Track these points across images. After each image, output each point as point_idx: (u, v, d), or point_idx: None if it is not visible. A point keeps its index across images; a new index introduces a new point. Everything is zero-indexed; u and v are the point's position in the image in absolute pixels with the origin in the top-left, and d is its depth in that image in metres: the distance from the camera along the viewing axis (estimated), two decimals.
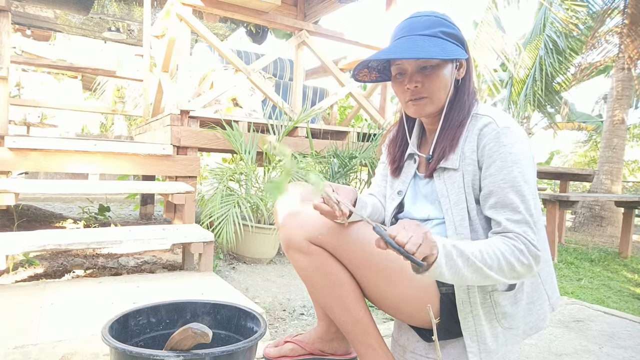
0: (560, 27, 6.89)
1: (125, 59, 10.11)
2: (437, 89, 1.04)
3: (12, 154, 2.38)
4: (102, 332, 0.95)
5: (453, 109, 1.07)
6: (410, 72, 1.05)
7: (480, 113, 1.05)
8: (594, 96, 40.36)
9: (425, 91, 1.04)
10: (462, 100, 1.08)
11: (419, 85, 1.04)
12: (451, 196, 1.05)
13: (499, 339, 1.05)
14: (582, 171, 5.77)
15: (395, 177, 1.22)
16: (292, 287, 2.48)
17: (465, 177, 1.04)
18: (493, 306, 1.03)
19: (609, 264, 4.37)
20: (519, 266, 0.93)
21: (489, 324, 1.03)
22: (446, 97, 1.07)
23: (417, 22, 1.05)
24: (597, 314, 2.07)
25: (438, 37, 1.02)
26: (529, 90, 7.35)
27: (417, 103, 1.06)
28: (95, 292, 1.87)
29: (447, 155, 1.06)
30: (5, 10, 2.40)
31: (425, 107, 1.06)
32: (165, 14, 3.45)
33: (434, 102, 1.06)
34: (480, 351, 1.03)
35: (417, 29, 1.03)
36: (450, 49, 1.00)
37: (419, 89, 1.04)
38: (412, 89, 1.05)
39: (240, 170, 3.03)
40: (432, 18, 1.05)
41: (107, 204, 4.55)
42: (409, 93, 1.06)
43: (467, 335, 1.03)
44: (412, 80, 1.04)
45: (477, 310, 1.02)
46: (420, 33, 1.02)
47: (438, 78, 1.04)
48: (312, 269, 1.06)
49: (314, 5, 5.36)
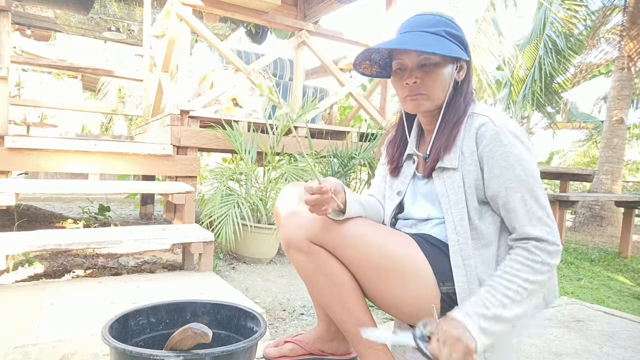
0: (560, 27, 6.89)
1: (126, 59, 10.11)
2: (436, 86, 1.05)
3: (12, 154, 2.38)
4: (102, 332, 0.95)
5: (450, 110, 1.08)
6: (410, 67, 1.06)
7: (477, 112, 1.06)
8: (595, 96, 40.36)
9: (424, 88, 1.05)
10: (458, 101, 1.08)
11: (418, 81, 1.05)
12: (451, 196, 1.05)
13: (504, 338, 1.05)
14: (582, 171, 5.77)
15: (395, 177, 1.22)
16: (292, 287, 2.48)
17: (466, 178, 1.04)
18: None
19: (609, 264, 4.37)
20: (543, 278, 0.96)
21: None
22: (444, 96, 1.07)
23: (423, 19, 1.06)
24: (597, 314, 2.07)
25: (442, 36, 1.03)
26: (528, 90, 7.35)
27: (415, 99, 1.07)
28: (95, 292, 1.87)
29: (443, 154, 1.06)
30: (5, 10, 2.40)
31: (422, 103, 1.07)
32: (165, 14, 3.45)
33: (431, 99, 1.07)
34: (484, 351, 1.03)
35: (422, 25, 1.05)
36: (452, 48, 1.01)
37: (418, 85, 1.05)
38: (411, 84, 1.06)
39: (240, 170, 3.03)
40: (438, 17, 1.06)
41: (107, 204, 4.54)
42: (407, 89, 1.07)
43: None
44: (412, 75, 1.05)
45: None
46: (425, 30, 1.04)
47: (437, 76, 1.05)
48: (312, 268, 1.06)
49: (314, 5, 5.36)
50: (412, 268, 1.03)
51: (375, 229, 1.07)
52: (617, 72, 6.82)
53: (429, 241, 1.08)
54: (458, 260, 1.02)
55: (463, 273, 1.01)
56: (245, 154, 3.02)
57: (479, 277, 1.01)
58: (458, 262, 1.02)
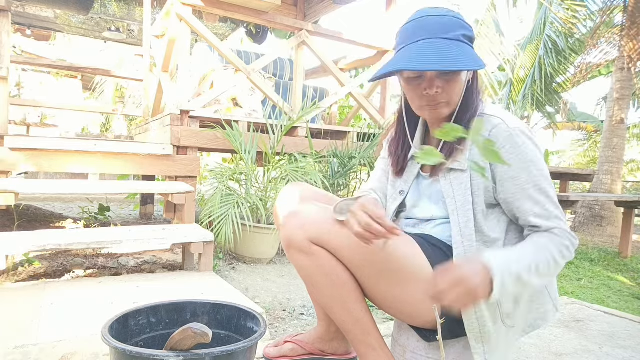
0: (560, 27, 6.89)
1: (126, 59, 10.11)
2: (456, 94, 1.03)
3: (12, 154, 2.38)
4: (102, 332, 0.95)
5: (462, 110, 1.06)
6: (430, 76, 1.01)
7: (488, 113, 1.05)
8: (596, 96, 40.37)
9: (445, 97, 1.02)
10: (470, 100, 1.06)
11: (440, 90, 1.01)
12: (457, 197, 1.05)
13: (503, 337, 1.05)
14: (582, 171, 5.77)
15: (398, 177, 1.21)
16: (292, 287, 2.48)
17: (474, 179, 1.03)
18: (498, 306, 1.03)
19: (609, 264, 4.37)
20: (563, 263, 0.97)
21: (493, 325, 1.03)
22: (459, 99, 1.05)
23: (437, 22, 0.99)
24: (597, 314, 2.07)
25: (462, 42, 0.98)
26: (528, 90, 7.35)
27: (435, 108, 1.04)
28: (95, 292, 1.87)
29: (455, 155, 1.05)
30: (5, 10, 2.40)
31: (442, 112, 1.04)
32: (165, 14, 3.45)
33: (450, 105, 1.04)
34: (485, 352, 1.03)
35: (437, 31, 0.98)
36: (476, 60, 0.96)
37: (439, 94, 1.01)
38: (433, 94, 1.01)
39: (240, 170, 3.03)
40: (452, 19, 0.99)
41: (107, 204, 4.54)
42: (426, 98, 1.03)
43: (471, 337, 1.03)
44: (433, 85, 1.00)
45: (481, 312, 1.02)
46: (443, 36, 0.97)
47: (458, 84, 1.02)
48: (312, 268, 1.06)
49: (313, 5, 5.36)
50: (412, 268, 1.02)
51: None
52: (617, 72, 6.82)
53: (430, 242, 1.08)
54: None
55: None
56: (245, 154, 3.02)
57: None
58: None
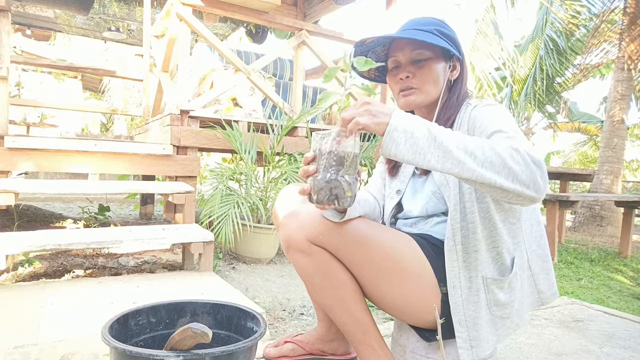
0: (561, 27, 6.89)
1: (126, 59, 10.11)
2: (427, 80, 1.09)
3: (12, 154, 2.38)
4: (102, 332, 0.95)
5: (444, 108, 1.12)
6: (404, 63, 1.11)
7: (472, 103, 1.10)
8: (597, 96, 40.35)
9: (416, 82, 1.10)
10: (452, 100, 1.13)
11: (410, 75, 1.10)
12: (450, 184, 1.06)
13: (489, 326, 1.05)
14: (582, 171, 5.77)
15: (393, 176, 1.23)
16: (292, 287, 2.48)
17: None
18: (486, 292, 1.03)
19: (609, 264, 4.37)
20: (513, 163, 0.81)
21: (479, 310, 1.03)
22: (437, 93, 1.11)
23: (416, 21, 1.14)
24: (597, 314, 2.07)
25: (433, 33, 1.08)
26: (529, 90, 7.36)
27: (407, 94, 1.11)
28: (95, 292, 1.87)
29: None
30: (5, 10, 2.40)
31: (414, 98, 1.10)
32: (165, 14, 3.45)
33: (423, 93, 1.10)
34: (470, 338, 1.02)
35: (415, 25, 1.12)
36: (440, 41, 1.05)
37: (410, 79, 1.10)
38: (404, 79, 1.10)
39: (240, 170, 3.03)
40: (430, 19, 1.14)
41: (107, 204, 4.55)
42: (400, 84, 1.12)
43: (456, 320, 1.02)
44: (405, 70, 1.10)
45: (466, 294, 1.02)
46: (417, 28, 1.10)
47: (429, 71, 1.09)
48: (312, 269, 1.06)
49: (313, 5, 5.36)
50: (412, 268, 1.03)
51: (376, 229, 1.07)
52: (617, 72, 6.82)
53: (430, 241, 1.08)
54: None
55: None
56: (245, 154, 3.02)
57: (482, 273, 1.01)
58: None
